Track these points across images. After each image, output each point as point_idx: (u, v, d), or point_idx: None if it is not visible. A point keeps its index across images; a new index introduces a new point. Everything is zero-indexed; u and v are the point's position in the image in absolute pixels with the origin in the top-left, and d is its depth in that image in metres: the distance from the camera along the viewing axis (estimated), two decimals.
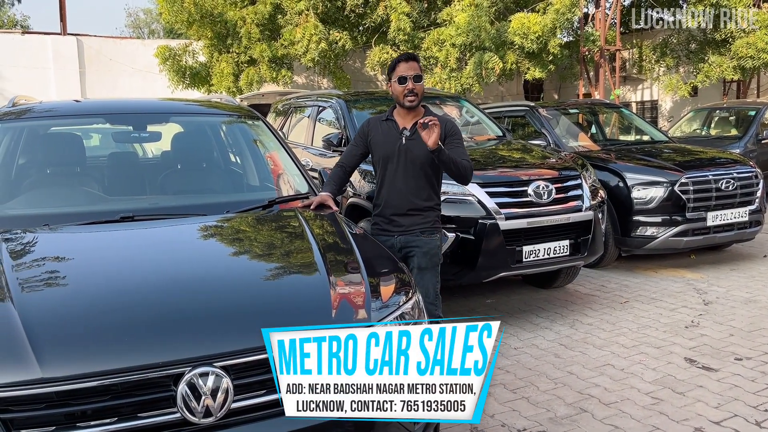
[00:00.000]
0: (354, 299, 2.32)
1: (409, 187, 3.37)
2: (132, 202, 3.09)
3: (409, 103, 3.32)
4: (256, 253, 2.59)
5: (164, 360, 1.92)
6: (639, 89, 16.79)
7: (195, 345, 1.98)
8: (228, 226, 2.87)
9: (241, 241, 2.71)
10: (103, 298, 2.13)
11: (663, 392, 3.77)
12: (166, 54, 13.15)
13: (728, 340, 4.56)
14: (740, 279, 6.20)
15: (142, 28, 43.24)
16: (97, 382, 1.85)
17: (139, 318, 2.04)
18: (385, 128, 3.44)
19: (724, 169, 6.62)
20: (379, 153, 3.42)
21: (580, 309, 5.45)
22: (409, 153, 3.35)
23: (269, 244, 2.69)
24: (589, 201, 5.11)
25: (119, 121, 3.50)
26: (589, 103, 9.64)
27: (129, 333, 1.98)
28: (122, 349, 1.93)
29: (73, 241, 2.64)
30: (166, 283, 2.25)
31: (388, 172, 3.40)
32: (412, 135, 3.36)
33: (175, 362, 1.93)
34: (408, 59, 3.31)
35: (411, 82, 3.28)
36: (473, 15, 10.17)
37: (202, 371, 1.93)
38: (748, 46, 11.84)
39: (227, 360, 1.97)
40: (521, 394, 3.81)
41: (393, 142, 3.38)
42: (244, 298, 2.21)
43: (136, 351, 1.93)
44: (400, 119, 3.43)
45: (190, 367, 1.93)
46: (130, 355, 1.92)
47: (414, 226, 3.42)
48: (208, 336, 2.03)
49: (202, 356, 1.96)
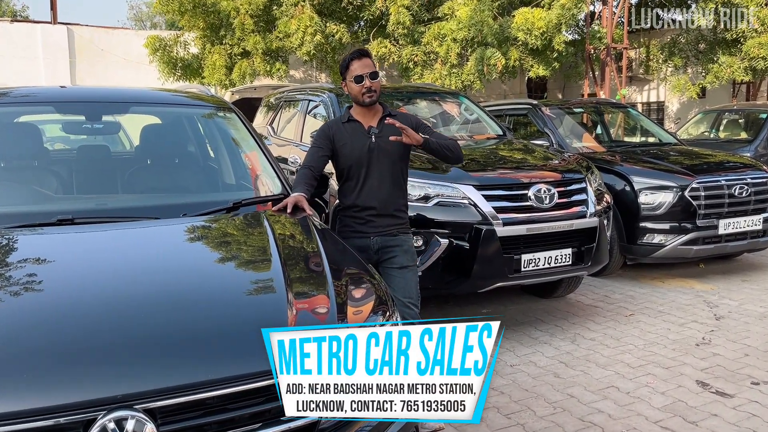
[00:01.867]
0: (314, 315, 1.95)
1: (386, 186, 3.26)
2: (76, 202, 2.71)
3: (369, 99, 3.18)
4: (205, 266, 2.22)
5: (71, 401, 1.56)
6: (645, 90, 16.40)
7: (112, 382, 1.62)
8: (181, 232, 2.50)
9: (192, 252, 2.34)
10: (8, 322, 1.76)
11: (673, 421, 3.40)
12: (156, 44, 12.75)
13: (743, 361, 4.19)
14: (753, 291, 5.82)
15: (144, 21, 42.89)
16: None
17: (44, 347, 1.68)
18: (349, 130, 3.28)
19: (737, 173, 6.25)
20: (349, 156, 3.25)
21: (582, 322, 5.08)
22: (380, 151, 3.23)
23: (223, 257, 2.32)
24: (594, 206, 4.74)
25: (70, 110, 3.12)
26: (594, 102, 9.26)
27: (28, 367, 1.61)
28: (19, 388, 1.57)
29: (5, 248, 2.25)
30: (88, 305, 1.88)
31: (361, 174, 3.24)
32: (380, 132, 3.24)
33: (85, 404, 1.57)
34: (360, 56, 3.18)
35: (368, 79, 3.14)
36: (475, 9, 9.78)
37: (119, 415, 1.57)
38: (760, 47, 11.44)
39: (153, 401, 1.61)
40: (516, 420, 3.45)
41: (362, 142, 3.24)
42: (180, 324, 1.84)
43: (37, 390, 1.57)
44: (362, 118, 3.29)
45: (105, 410, 1.57)
46: (30, 395, 1.56)
47: (391, 227, 3.31)
48: (130, 370, 1.66)
49: (120, 396, 1.60)
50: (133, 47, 15.56)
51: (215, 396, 1.69)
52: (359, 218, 3.28)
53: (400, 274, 3.29)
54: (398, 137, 3.06)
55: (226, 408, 1.71)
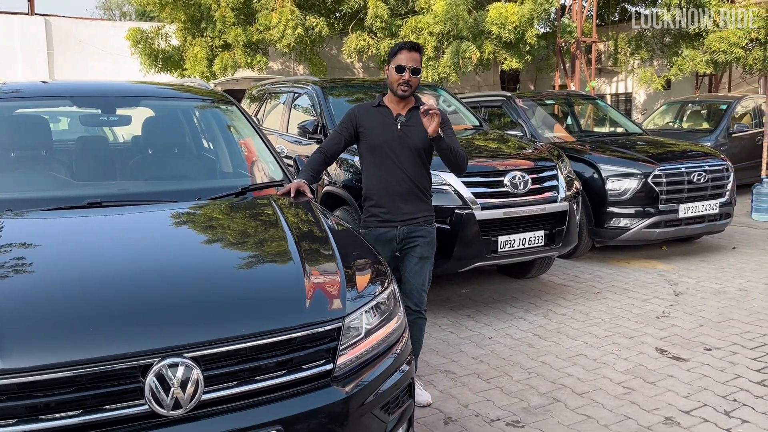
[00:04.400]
0: (329, 289, 2.27)
1: (410, 172, 3.29)
2: (100, 187, 2.99)
3: (402, 92, 3.25)
4: (228, 241, 2.53)
5: (131, 351, 1.86)
6: (614, 81, 16.93)
7: (163, 335, 1.93)
8: (200, 213, 2.80)
9: (213, 229, 2.64)
10: (68, 287, 2.06)
11: (634, 382, 3.80)
12: (138, 37, 12.83)
13: (698, 330, 4.62)
14: (710, 270, 6.29)
15: (114, 10, 42.29)
16: (61, 373, 1.79)
17: (105, 308, 1.98)
18: (377, 115, 3.34)
19: (696, 161, 6.69)
20: (373, 140, 3.31)
21: (554, 299, 5.48)
22: (405, 139, 3.28)
23: (242, 233, 2.62)
24: (564, 192, 5.12)
25: (87, 104, 3.38)
26: (565, 94, 9.67)
27: (94, 323, 1.91)
28: (87, 340, 1.87)
29: (37, 228, 2.54)
30: (134, 272, 2.18)
31: (385, 160, 3.29)
32: (407, 121, 3.30)
33: (142, 353, 1.87)
34: (411, 49, 3.22)
35: (408, 73, 3.20)
36: (451, 3, 10.10)
37: (171, 362, 1.88)
38: (721, 41, 11.99)
39: (197, 351, 1.92)
40: (495, 384, 3.82)
41: (388, 128, 3.29)
42: (214, 288, 2.15)
43: (102, 341, 1.87)
44: (393, 106, 3.35)
45: (159, 358, 1.88)
46: (96, 345, 1.86)
47: (418, 214, 3.35)
48: (177, 326, 1.97)
49: (170, 347, 1.90)
50: (112, 39, 15.58)
51: (248, 347, 2.00)
52: (383, 207, 3.31)
53: (419, 264, 3.36)
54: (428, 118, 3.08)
55: (257, 357, 2.03)
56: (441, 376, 3.93)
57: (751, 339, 4.43)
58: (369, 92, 6.80)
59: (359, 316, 2.27)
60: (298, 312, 2.13)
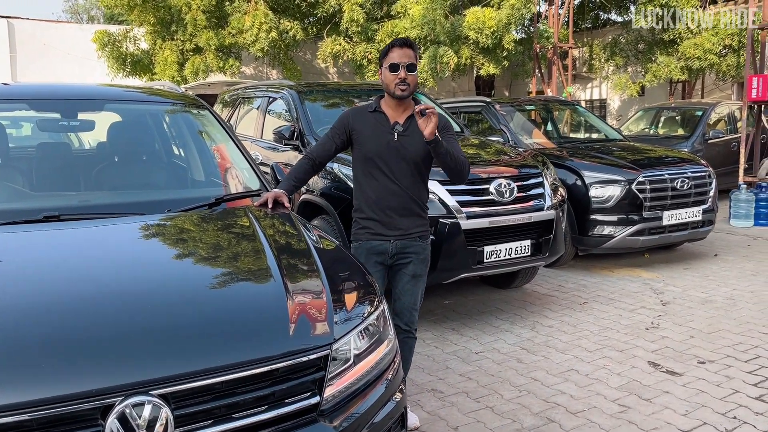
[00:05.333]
0: (314, 312, 2.05)
1: (406, 185, 3.02)
2: (59, 199, 2.72)
3: (400, 92, 2.94)
4: (200, 259, 2.28)
5: (90, 389, 1.62)
6: (588, 88, 16.97)
7: (127, 370, 1.69)
8: (169, 227, 2.55)
9: (184, 246, 2.40)
10: (15, 316, 1.80)
11: (629, 399, 3.64)
12: (105, 39, 12.42)
13: (689, 342, 4.49)
14: (695, 278, 6.19)
15: (81, 13, 41.45)
16: (8, 418, 1.54)
17: (59, 340, 1.73)
18: (372, 121, 3.05)
19: (678, 168, 6.62)
20: (367, 148, 3.02)
21: (540, 310, 5.32)
22: (402, 150, 2.99)
23: (216, 249, 2.39)
24: (550, 200, 4.97)
25: (45, 108, 3.11)
26: (544, 100, 9.57)
27: (46, 358, 1.67)
28: (39, 378, 1.62)
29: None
30: (93, 297, 1.93)
31: (379, 171, 3.01)
32: (405, 130, 3.00)
33: (102, 391, 1.63)
34: (402, 45, 2.94)
35: (403, 70, 2.91)
36: (428, 8, 9.96)
37: (136, 401, 1.64)
38: (695, 47, 12.04)
39: (166, 387, 1.69)
40: (485, 403, 3.62)
41: (384, 137, 3.00)
42: (185, 314, 1.92)
43: (56, 379, 1.63)
44: (390, 111, 3.05)
45: (122, 396, 1.64)
46: (48, 384, 1.62)
47: (413, 230, 3.09)
48: (142, 359, 1.73)
49: (135, 383, 1.67)
50: (78, 42, 15.11)
51: (224, 381, 1.77)
52: (375, 220, 3.05)
53: (411, 282, 3.14)
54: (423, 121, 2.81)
55: (235, 392, 1.80)
56: (428, 396, 3.73)
57: (744, 351, 4.30)
58: (346, 97, 6.60)
59: (348, 341, 2.06)
60: (280, 339, 1.91)
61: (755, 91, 9.05)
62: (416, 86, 3.04)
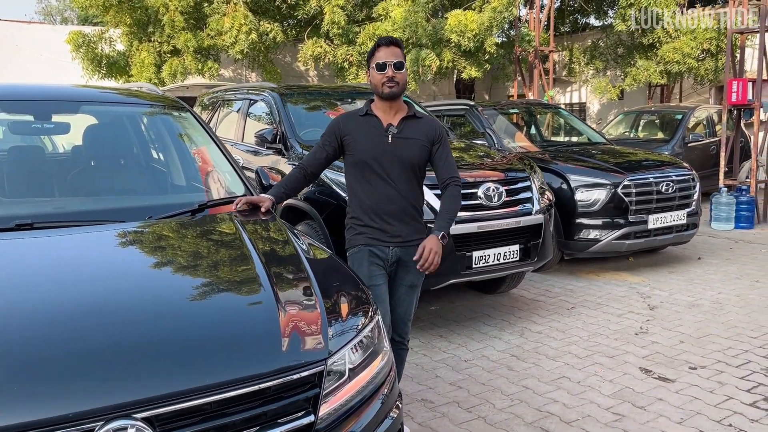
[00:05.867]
0: (307, 325, 1.94)
1: (403, 190, 2.92)
2: (32, 205, 2.57)
3: (389, 89, 2.83)
4: (184, 270, 2.15)
5: (68, 412, 1.49)
6: (568, 91, 17.04)
7: (107, 391, 1.56)
8: (151, 235, 2.41)
9: (167, 256, 2.26)
10: None
11: (623, 407, 3.57)
12: (80, 41, 12.14)
13: (679, 348, 4.44)
14: (680, 282, 6.17)
15: (54, 15, 40.72)
16: None
17: (33, 358, 1.59)
18: (364, 124, 2.94)
19: (663, 171, 6.61)
20: (360, 153, 2.91)
21: (528, 316, 5.25)
22: (398, 152, 2.88)
23: (201, 259, 2.25)
24: (538, 204, 4.90)
25: (17, 109, 2.94)
26: (526, 103, 9.54)
27: (18, 379, 1.53)
28: (12, 402, 1.48)
29: None
30: (71, 312, 1.79)
31: (374, 175, 2.90)
32: (399, 132, 2.89)
33: (81, 415, 1.50)
34: (389, 44, 2.86)
35: (391, 69, 2.81)
36: (409, 10, 9.88)
37: (118, 426, 1.52)
38: (675, 51, 12.13)
39: (150, 409, 1.57)
40: (477, 414, 3.53)
41: (377, 141, 2.89)
42: (169, 329, 1.79)
43: (29, 403, 1.49)
44: (382, 114, 2.93)
45: (102, 421, 1.51)
46: (22, 407, 1.48)
47: (412, 237, 2.97)
48: (124, 379, 1.60)
49: (116, 405, 1.54)
50: (51, 43, 14.77)
51: (212, 401, 1.66)
52: (374, 227, 2.94)
53: (407, 293, 3.07)
54: (415, 140, 2.86)
55: (224, 413, 1.68)
56: (418, 406, 3.62)
57: (734, 356, 4.27)
58: (328, 99, 6.49)
59: (343, 355, 1.95)
60: (272, 355, 1.79)
61: (735, 95, 9.10)
62: (405, 85, 2.93)
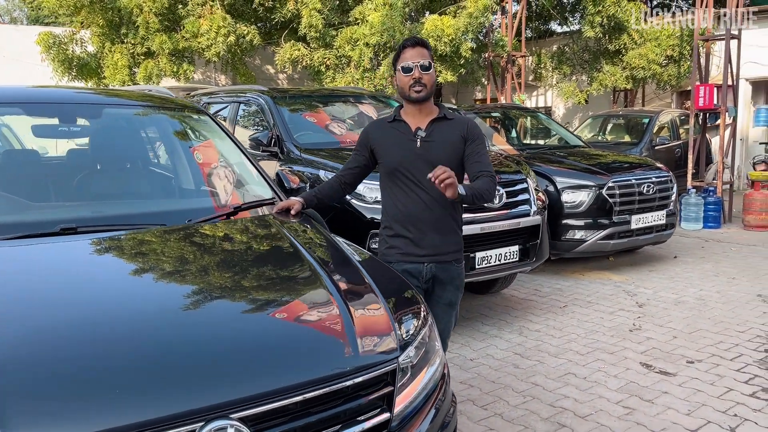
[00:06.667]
0: (377, 325, 1.98)
1: (438, 195, 2.70)
2: (67, 210, 2.53)
3: (416, 94, 2.73)
4: (246, 271, 2.16)
5: (165, 414, 1.50)
6: (534, 95, 17.39)
7: (204, 392, 1.57)
8: (201, 238, 2.41)
9: (225, 257, 2.26)
10: (75, 338, 1.65)
11: (632, 401, 3.70)
12: (50, 41, 11.84)
13: (674, 343, 4.61)
14: (662, 280, 6.39)
15: (3, 15, 39.42)
16: None
17: (130, 362, 1.59)
18: (392, 131, 2.85)
19: (644, 173, 6.82)
20: (389, 161, 2.82)
21: (523, 315, 5.36)
22: (428, 156, 2.75)
23: (257, 261, 2.27)
24: (535, 205, 5.02)
25: (41, 112, 2.89)
26: (506, 106, 9.72)
27: (119, 383, 1.53)
28: (113, 405, 1.48)
29: (6, 261, 2.07)
30: (151, 318, 1.79)
31: (406, 181, 2.79)
32: (428, 136, 2.79)
33: (181, 416, 1.51)
34: (415, 44, 2.76)
35: (417, 70, 2.71)
36: (387, 14, 9.96)
37: (218, 426, 1.53)
38: (640, 57, 12.52)
39: (245, 409, 1.58)
40: (493, 411, 3.61)
41: (406, 146, 2.79)
42: (252, 332, 1.81)
43: (131, 405, 1.50)
44: (411, 119, 2.83)
45: (203, 421, 1.52)
46: (124, 411, 1.48)
47: (448, 249, 2.85)
48: (217, 381, 1.62)
49: (214, 405, 1.55)
50: (13, 44, 14.32)
51: (298, 401, 1.68)
52: (407, 237, 2.81)
53: (444, 312, 2.91)
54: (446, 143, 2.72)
55: (309, 412, 1.71)
56: None
57: (727, 350, 4.45)
58: (316, 102, 6.48)
59: (409, 353, 2.00)
60: (350, 355, 1.82)
61: (702, 100, 9.46)
62: (434, 86, 2.82)
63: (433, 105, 2.89)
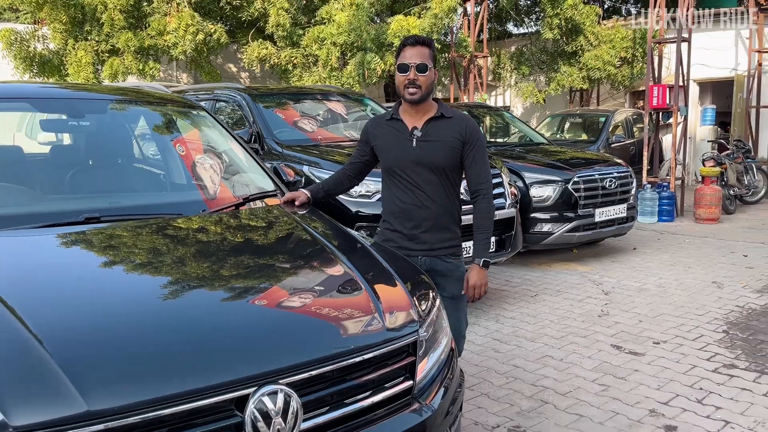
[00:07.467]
0: (398, 301, 2.16)
1: (433, 195, 2.80)
2: (85, 201, 2.63)
3: (410, 96, 2.72)
4: (270, 255, 2.32)
5: (225, 380, 1.65)
6: (493, 95, 17.79)
7: (255, 360, 1.73)
8: (221, 225, 2.54)
9: (248, 242, 2.41)
10: (131, 314, 1.79)
11: (606, 378, 3.97)
12: (12, 38, 11.59)
13: (640, 326, 4.92)
14: (624, 270, 6.74)
15: None
16: (154, 412, 1.54)
17: (183, 333, 1.75)
18: (390, 129, 2.86)
19: (606, 168, 7.17)
20: (387, 158, 2.86)
21: (498, 304, 5.61)
22: (423, 157, 2.76)
23: (278, 245, 2.42)
24: (510, 198, 5.27)
25: (49, 108, 2.97)
26: (472, 105, 10.00)
27: (179, 352, 1.68)
28: (174, 372, 1.63)
29: (50, 248, 2.18)
30: (197, 294, 1.94)
31: (402, 181, 2.83)
32: (424, 135, 2.78)
33: (237, 382, 1.66)
34: (415, 43, 2.71)
35: (413, 71, 2.68)
36: (353, 15, 10.12)
37: (269, 390, 1.68)
38: (596, 59, 13.01)
39: (292, 375, 1.75)
40: (479, 391, 3.83)
41: (402, 145, 2.79)
42: (293, 308, 1.97)
43: (190, 372, 1.64)
44: (408, 117, 2.83)
45: (256, 386, 1.68)
46: (184, 377, 1.62)
47: (440, 246, 2.89)
48: (266, 349, 1.78)
49: (265, 372, 1.71)
50: None
51: (335, 368, 1.85)
52: (401, 232, 2.86)
53: (451, 305, 2.84)
54: (443, 142, 2.74)
55: (344, 379, 1.88)
56: None
57: (688, 331, 4.78)
58: (292, 99, 6.59)
59: (426, 327, 2.18)
60: (379, 327, 2.00)
61: (656, 99, 9.92)
62: (430, 88, 2.76)
63: (432, 102, 2.85)
